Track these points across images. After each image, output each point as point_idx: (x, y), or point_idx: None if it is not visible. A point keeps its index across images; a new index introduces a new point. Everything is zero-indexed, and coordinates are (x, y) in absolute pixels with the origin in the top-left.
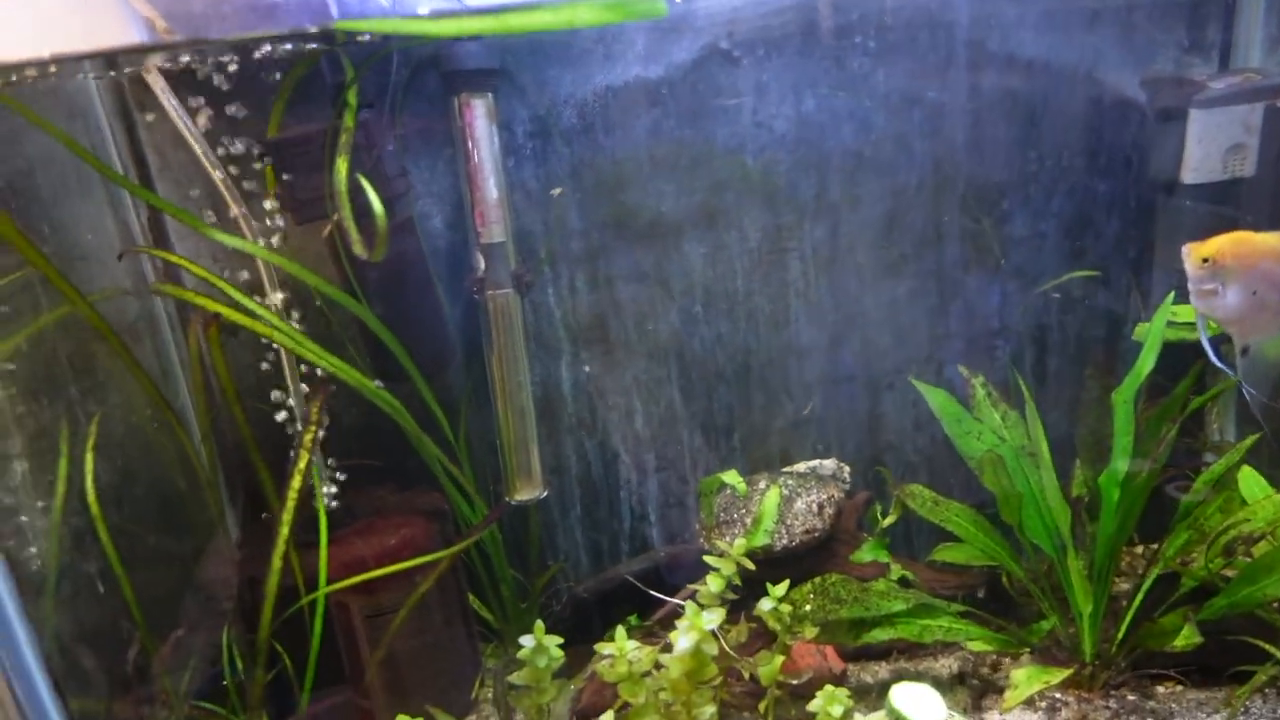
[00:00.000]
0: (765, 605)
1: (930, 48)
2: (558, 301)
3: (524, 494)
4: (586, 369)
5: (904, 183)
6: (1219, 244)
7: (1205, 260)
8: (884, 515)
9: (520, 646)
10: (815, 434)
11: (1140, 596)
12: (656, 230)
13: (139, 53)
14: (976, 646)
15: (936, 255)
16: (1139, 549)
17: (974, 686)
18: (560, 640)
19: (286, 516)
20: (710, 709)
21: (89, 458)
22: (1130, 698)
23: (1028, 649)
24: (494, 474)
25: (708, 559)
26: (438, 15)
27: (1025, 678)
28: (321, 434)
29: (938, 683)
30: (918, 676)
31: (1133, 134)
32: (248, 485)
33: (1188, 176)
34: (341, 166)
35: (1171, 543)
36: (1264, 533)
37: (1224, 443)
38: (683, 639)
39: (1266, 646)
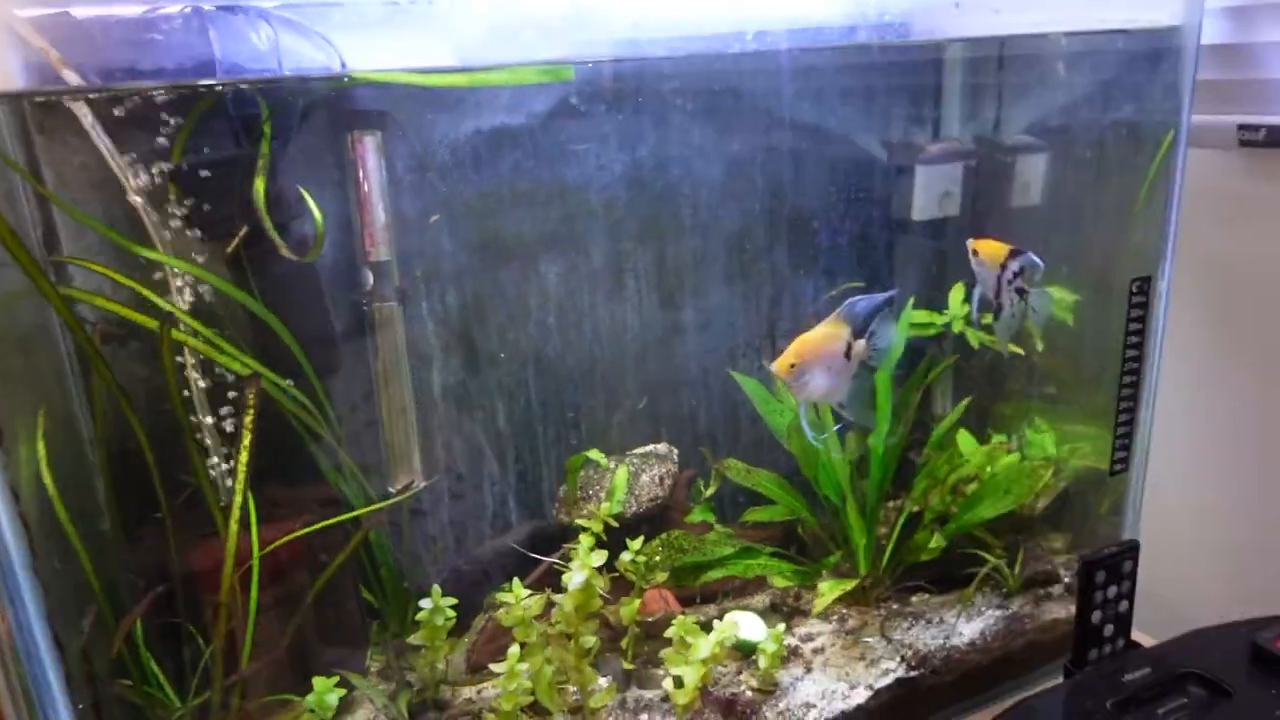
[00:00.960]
0: (626, 557)
1: (733, 111)
2: (430, 314)
3: (402, 481)
4: (455, 375)
5: (717, 215)
6: (795, 350)
7: (793, 365)
8: (706, 486)
9: (401, 622)
10: (649, 424)
11: (897, 529)
12: (517, 253)
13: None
14: (782, 582)
15: (742, 275)
16: (892, 504)
17: (784, 612)
18: (454, 601)
19: (238, 499)
20: (593, 638)
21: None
22: (894, 606)
23: (820, 579)
24: (379, 468)
25: (580, 520)
26: (425, 70)
27: (828, 588)
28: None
29: (756, 612)
30: (741, 609)
31: (880, 182)
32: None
33: (915, 215)
34: (259, 186)
35: (916, 488)
36: (975, 474)
37: (944, 413)
38: (577, 575)
39: (981, 554)
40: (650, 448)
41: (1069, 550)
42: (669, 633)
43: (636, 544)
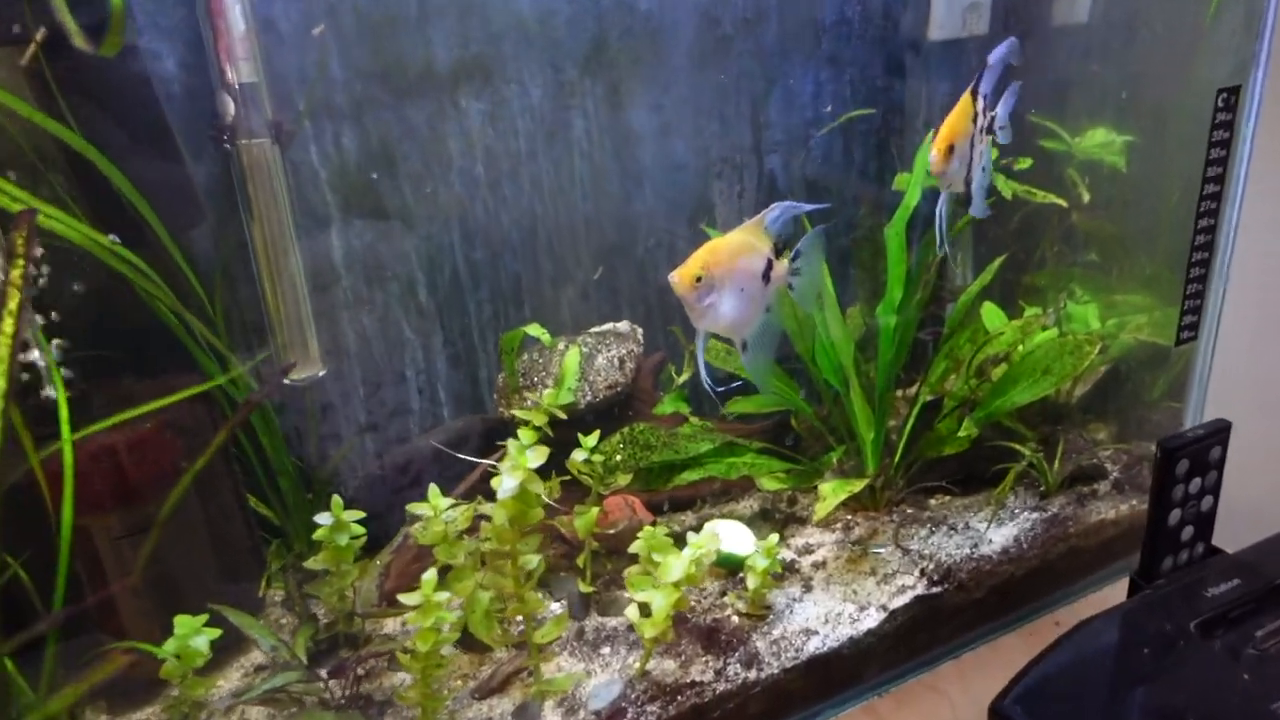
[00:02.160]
0: (578, 457)
1: None
2: (322, 160)
3: (300, 373)
4: (361, 237)
5: (683, 27)
6: (702, 259)
7: (698, 279)
8: (679, 372)
9: (309, 542)
10: (607, 298)
11: (912, 419)
12: (430, 83)
13: None
14: (772, 485)
15: (720, 105)
16: (903, 393)
17: (776, 520)
18: (360, 515)
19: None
20: (536, 558)
21: None
22: (910, 510)
23: (819, 481)
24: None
25: (518, 413)
26: None
27: (831, 490)
28: (36, 282)
29: (743, 520)
30: (724, 518)
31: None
32: None
33: (933, 32)
34: None
35: (933, 371)
36: (1006, 353)
37: (964, 286)
38: (507, 480)
39: (1015, 446)
40: (609, 326)
41: (1115, 441)
42: (634, 548)
43: (591, 440)
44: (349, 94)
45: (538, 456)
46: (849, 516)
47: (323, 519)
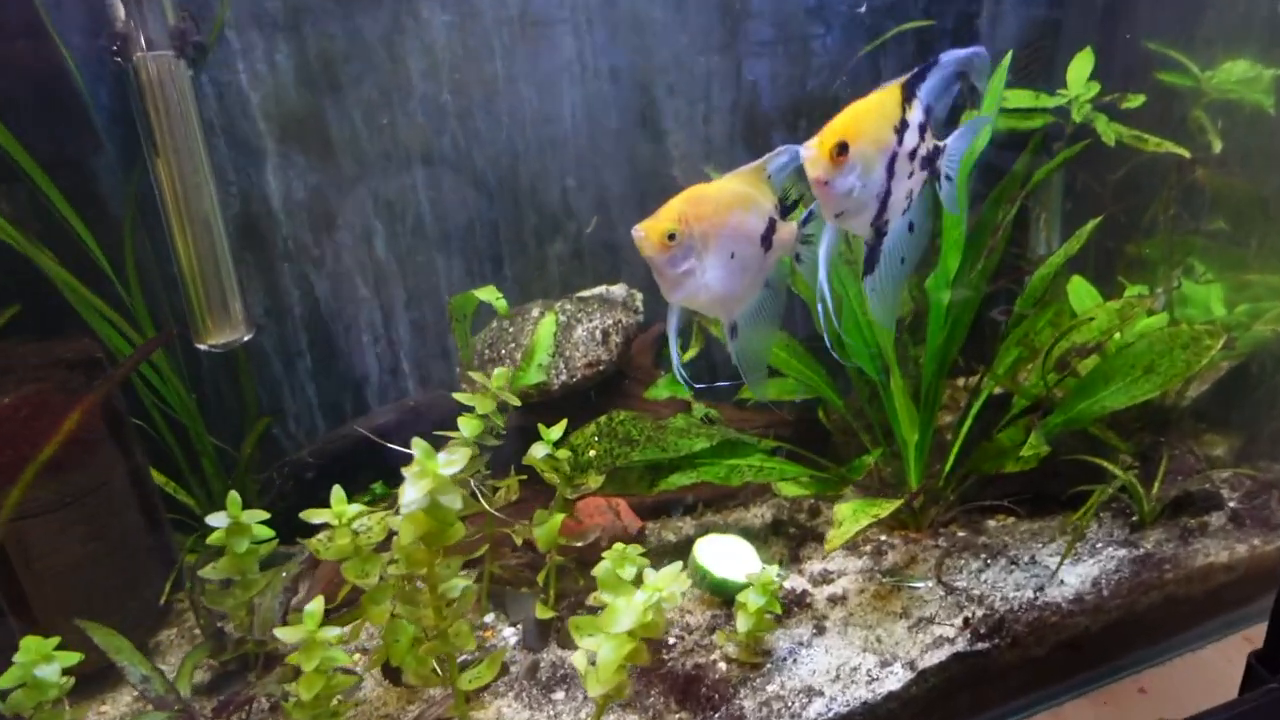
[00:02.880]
0: (538, 452)
1: None
2: (252, 82)
3: (219, 336)
4: (304, 177)
5: None
6: (678, 210)
7: (671, 237)
8: (684, 348)
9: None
10: (603, 256)
11: (969, 420)
12: None
13: None
14: (791, 491)
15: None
16: (959, 382)
17: (791, 536)
18: (264, 516)
19: None
20: (460, 583)
21: None
22: (960, 534)
23: (848, 488)
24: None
25: (460, 396)
26: None
27: (850, 512)
28: None
29: (750, 535)
30: (727, 530)
31: None
32: None
33: None
34: None
35: (1001, 361)
36: (1097, 342)
37: (1048, 254)
38: (410, 490)
39: (1102, 463)
40: (600, 289)
41: (1236, 462)
42: (597, 570)
43: (555, 431)
44: None
45: (456, 460)
46: (882, 537)
47: (216, 520)
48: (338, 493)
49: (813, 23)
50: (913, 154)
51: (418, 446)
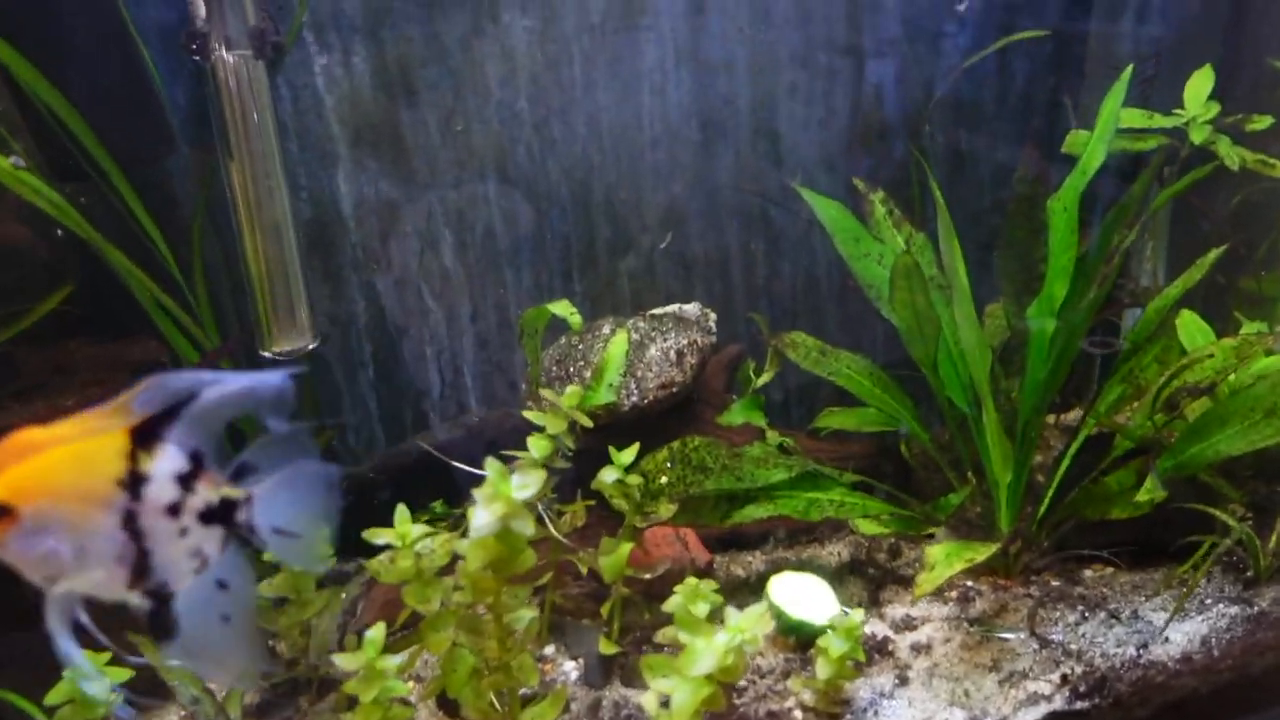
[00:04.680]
0: (608, 476)
1: None
2: (328, 85)
3: (284, 344)
4: (375, 183)
5: None
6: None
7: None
8: (759, 372)
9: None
10: (677, 272)
11: (1067, 461)
12: None
13: None
14: (870, 529)
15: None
16: (1059, 419)
17: (870, 576)
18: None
19: None
20: (529, 614)
21: None
22: (1055, 583)
23: (933, 530)
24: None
25: (530, 415)
26: None
27: (944, 555)
28: None
29: (826, 573)
30: (801, 567)
31: None
32: None
33: None
34: None
35: (1103, 399)
36: (1211, 383)
37: (1154, 287)
38: (481, 513)
39: (1215, 513)
40: (673, 308)
41: None
42: (669, 604)
43: (627, 455)
44: (363, 0)
45: (531, 483)
46: (969, 582)
47: None
48: (402, 512)
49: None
50: (176, 508)
51: (491, 467)
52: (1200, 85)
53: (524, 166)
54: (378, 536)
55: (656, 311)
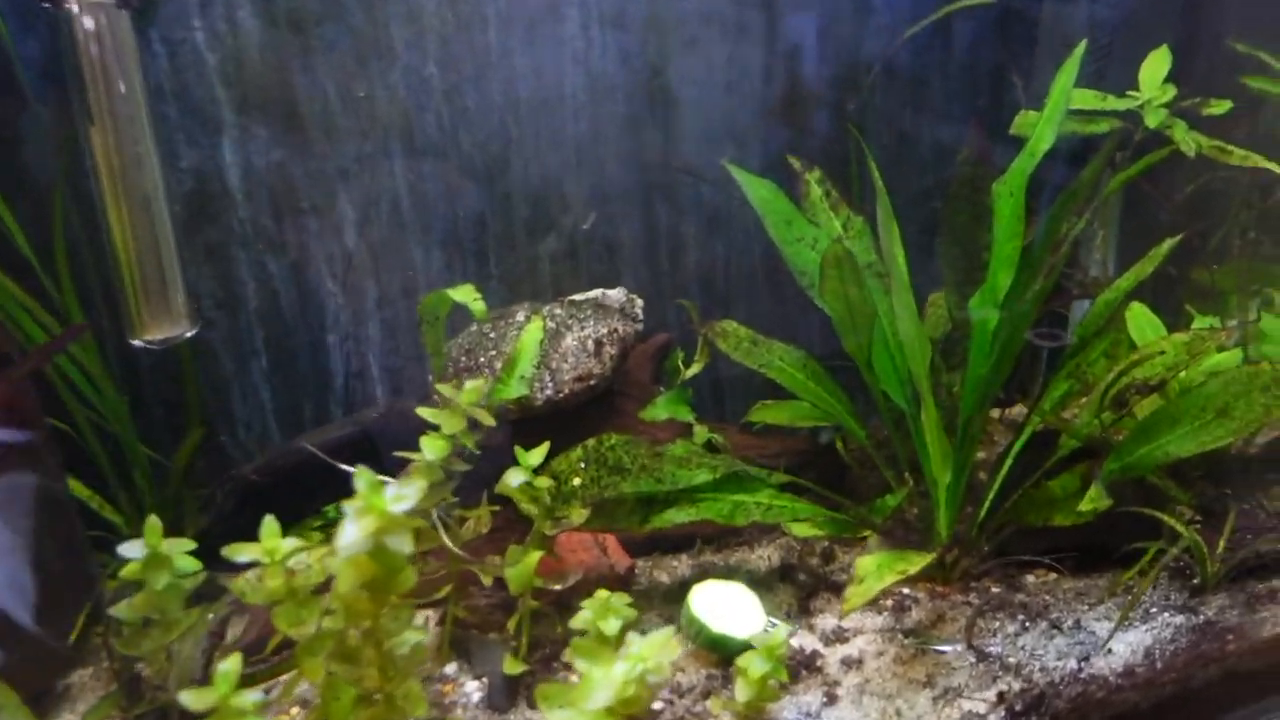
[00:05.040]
0: (513, 479)
1: None
2: (210, 42)
3: (157, 331)
4: (266, 153)
5: None
6: None
7: None
8: (687, 365)
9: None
10: (601, 255)
11: (1010, 461)
12: None
13: None
14: (803, 531)
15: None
16: (1003, 414)
17: (801, 583)
18: (189, 545)
19: None
20: (413, 637)
21: None
22: (995, 590)
23: (868, 532)
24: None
25: (423, 412)
26: None
27: (875, 567)
28: None
29: (754, 580)
30: (728, 572)
31: None
32: None
33: None
34: None
35: (1048, 395)
36: (1161, 380)
37: (1104, 278)
38: (350, 530)
39: (1163, 517)
40: (596, 293)
41: None
42: (576, 620)
43: (535, 456)
44: None
45: (405, 496)
46: (905, 590)
47: (130, 550)
48: (269, 525)
49: None
50: None
51: (361, 476)
52: (1156, 66)
53: (433, 138)
54: (240, 553)
55: (577, 298)
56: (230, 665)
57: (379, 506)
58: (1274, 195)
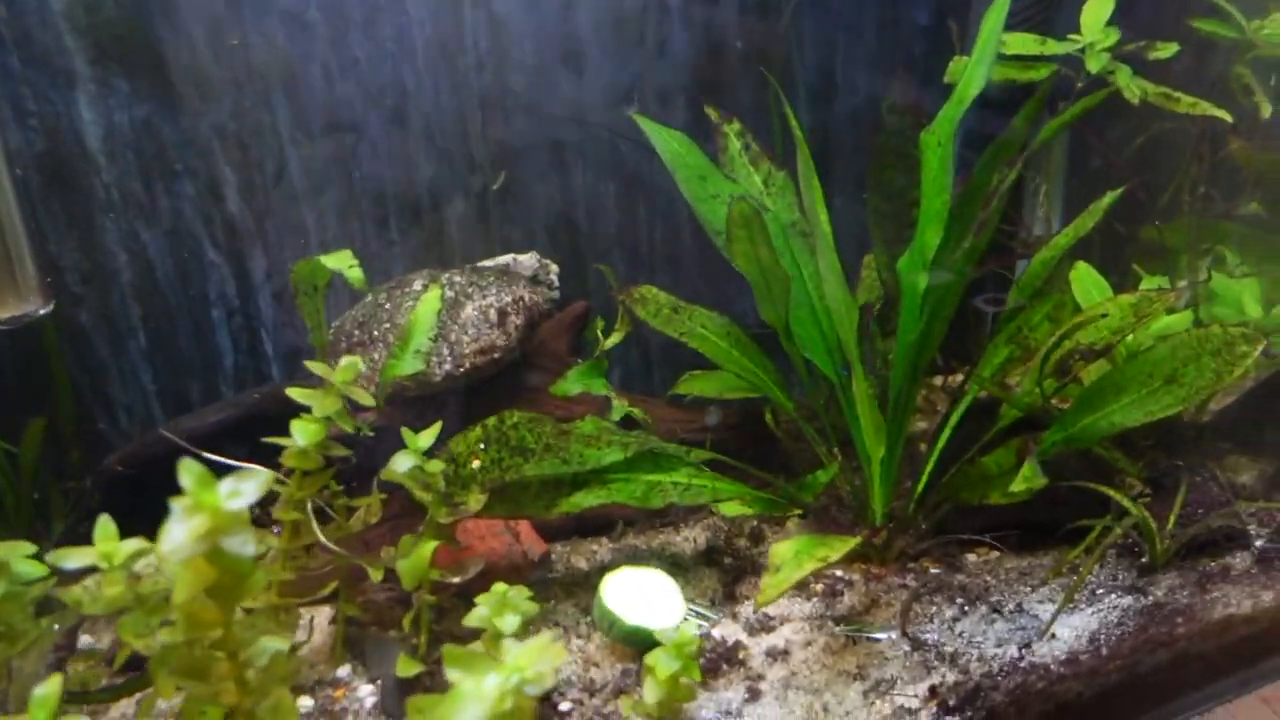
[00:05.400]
0: (401, 464)
1: None
2: None
3: (2, 310)
4: (128, 109)
5: None
6: None
7: None
8: (608, 334)
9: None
10: (515, 216)
11: (947, 432)
12: None
13: None
14: (731, 510)
15: None
16: (937, 381)
17: (727, 567)
18: (30, 549)
19: None
20: (271, 646)
21: None
22: (933, 570)
23: (799, 511)
24: None
25: (294, 393)
26: None
27: (793, 554)
28: None
29: (678, 565)
30: (649, 557)
31: None
32: None
33: None
34: None
35: (988, 361)
36: (1106, 344)
37: (1049, 235)
38: (176, 530)
39: (1110, 492)
40: (505, 259)
41: (1268, 491)
42: (470, 618)
43: (425, 437)
44: None
45: (242, 491)
46: (838, 572)
47: None
48: (104, 526)
49: None
50: None
51: (185, 471)
52: (1099, 9)
53: (320, 91)
54: (68, 559)
55: (483, 264)
56: (49, 688)
57: (211, 504)
58: (1225, 147)
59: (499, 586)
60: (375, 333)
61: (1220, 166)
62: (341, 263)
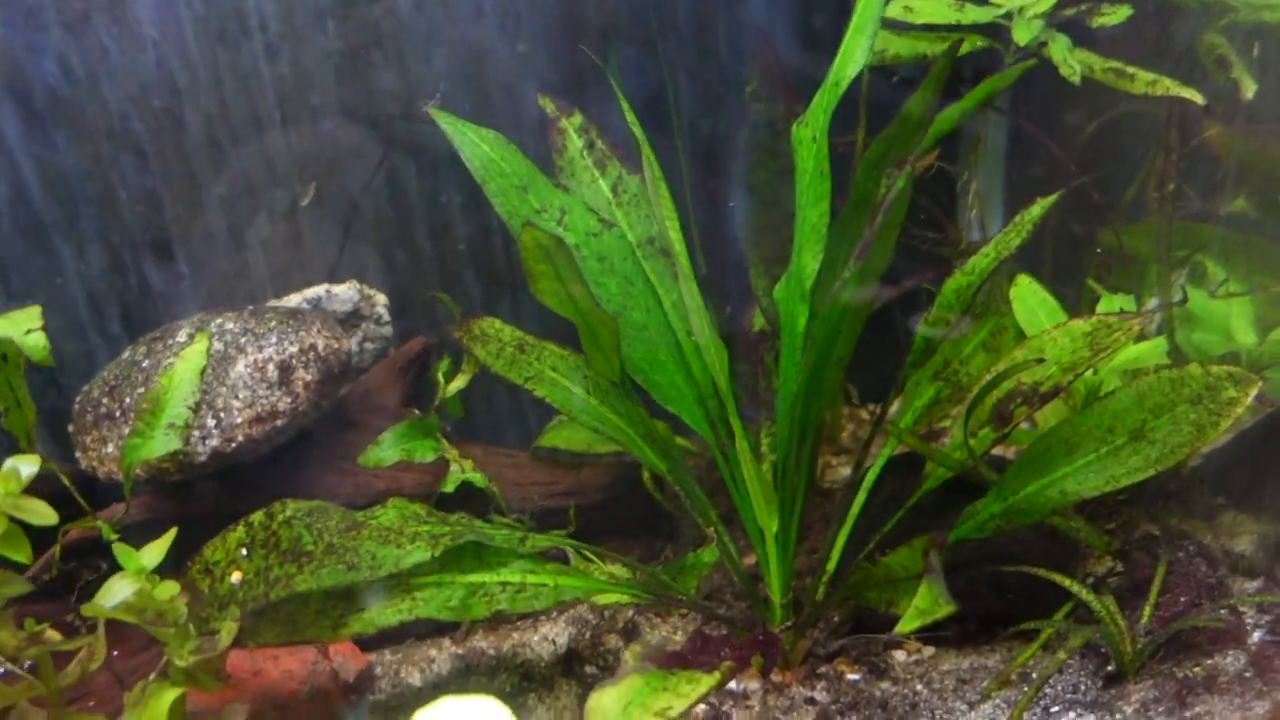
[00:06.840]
0: (116, 593)
1: None
2: None
3: None
4: None
5: None
6: None
7: None
8: (449, 380)
9: None
10: (333, 240)
11: (862, 496)
12: None
13: None
14: (604, 598)
15: None
16: (864, 412)
17: (589, 680)
18: None
19: None
20: None
21: None
22: (851, 676)
23: (683, 601)
24: None
25: None
26: None
27: (620, 708)
28: None
29: (528, 678)
30: (498, 665)
31: None
32: None
33: None
34: None
35: (909, 404)
36: (1056, 386)
37: (983, 241)
38: None
39: (1063, 581)
40: (316, 291)
41: (1272, 561)
42: None
43: (151, 554)
44: None
45: None
46: (731, 684)
47: None
48: None
49: None
50: None
51: None
52: None
53: (59, 90)
54: None
55: (276, 303)
56: None
57: None
58: (1198, 133)
59: None
60: (128, 400)
61: (1195, 157)
62: (15, 327)
